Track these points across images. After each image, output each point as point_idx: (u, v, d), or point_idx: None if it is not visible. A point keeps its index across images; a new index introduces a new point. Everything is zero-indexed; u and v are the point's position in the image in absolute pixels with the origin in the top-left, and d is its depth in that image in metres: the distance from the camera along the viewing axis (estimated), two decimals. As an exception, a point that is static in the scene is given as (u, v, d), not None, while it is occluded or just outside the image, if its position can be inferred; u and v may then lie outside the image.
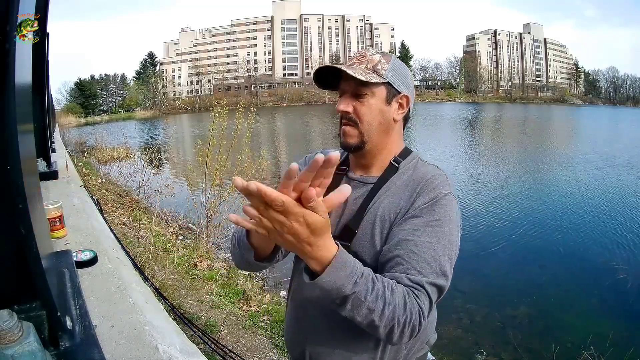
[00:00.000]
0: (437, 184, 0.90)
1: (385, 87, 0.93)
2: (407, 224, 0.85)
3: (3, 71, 0.49)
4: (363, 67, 0.92)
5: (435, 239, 0.83)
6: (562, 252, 6.23)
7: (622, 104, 79.43)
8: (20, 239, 0.56)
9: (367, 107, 0.92)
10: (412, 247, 0.81)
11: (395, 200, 0.91)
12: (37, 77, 2.55)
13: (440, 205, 0.86)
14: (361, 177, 0.99)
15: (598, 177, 11.48)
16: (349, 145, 0.95)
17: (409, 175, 0.94)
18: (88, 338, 0.72)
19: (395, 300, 0.73)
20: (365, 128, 0.93)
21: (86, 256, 1.43)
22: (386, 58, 0.95)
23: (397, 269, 0.80)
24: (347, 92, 0.93)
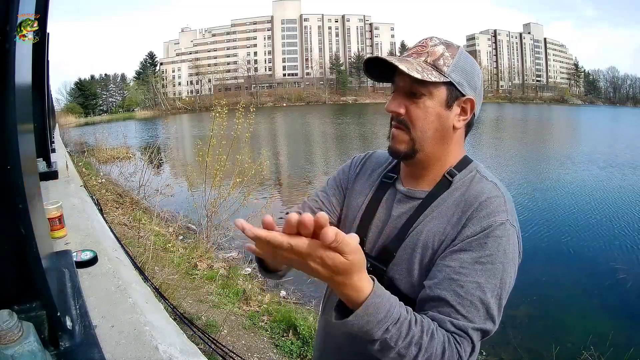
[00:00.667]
0: (491, 209, 0.75)
1: (446, 87, 0.78)
2: (453, 260, 0.73)
3: (3, 71, 0.49)
4: (421, 61, 0.78)
5: (484, 278, 0.72)
6: (562, 252, 6.23)
7: (622, 104, 79.47)
8: (20, 239, 0.56)
9: (423, 110, 0.79)
10: (457, 288, 0.71)
11: (441, 224, 0.78)
12: (37, 77, 2.55)
13: (494, 237, 0.73)
14: (408, 191, 0.86)
15: (598, 177, 11.48)
16: (397, 151, 0.83)
17: (462, 192, 0.81)
18: (88, 338, 0.72)
19: (433, 348, 0.66)
20: (418, 135, 0.80)
21: (86, 256, 1.42)
22: (451, 51, 0.79)
23: (440, 311, 0.71)
24: (401, 89, 0.80)
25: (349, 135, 22.90)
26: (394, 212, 0.86)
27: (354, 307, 0.63)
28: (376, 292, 0.63)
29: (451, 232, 0.77)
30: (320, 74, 78.74)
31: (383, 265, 0.82)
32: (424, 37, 0.82)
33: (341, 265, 0.57)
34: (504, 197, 0.79)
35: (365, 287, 0.62)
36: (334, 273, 0.58)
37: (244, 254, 5.52)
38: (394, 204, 0.87)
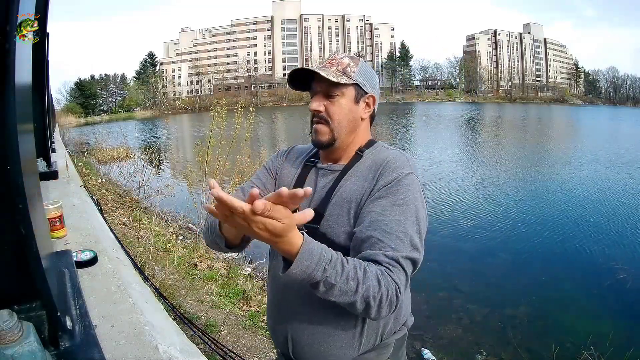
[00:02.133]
0: (398, 164, 0.96)
1: (354, 87, 1.00)
2: (374, 205, 0.91)
3: (3, 71, 0.49)
4: (334, 70, 0.99)
5: (403, 216, 0.89)
6: (562, 252, 6.23)
7: (622, 104, 79.44)
8: (20, 239, 0.56)
9: (338, 107, 1.00)
10: (383, 226, 0.87)
11: (359, 183, 0.98)
12: (37, 77, 2.55)
13: (403, 185, 0.93)
14: (329, 166, 1.07)
15: (598, 177, 11.48)
16: (320, 142, 1.02)
17: (372, 159, 1.02)
18: (88, 338, 0.72)
19: (369, 279, 0.79)
20: (336, 126, 1.00)
21: (86, 256, 1.42)
22: (355, 61, 1.02)
23: (372, 248, 0.86)
24: (319, 92, 1.00)
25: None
26: (319, 184, 1.05)
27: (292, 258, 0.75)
28: (306, 240, 0.76)
29: (368, 186, 0.96)
30: (320, 74, 78.53)
31: (315, 224, 0.97)
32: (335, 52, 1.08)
33: (278, 228, 0.69)
34: (406, 157, 1.00)
35: (298, 240, 0.75)
36: (273, 235, 0.71)
37: (244, 254, 5.53)
38: (317, 178, 1.07)
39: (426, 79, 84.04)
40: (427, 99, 74.89)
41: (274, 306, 1.10)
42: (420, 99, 75.43)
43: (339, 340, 0.99)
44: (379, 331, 1.01)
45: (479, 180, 10.96)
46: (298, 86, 1.04)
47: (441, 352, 3.70)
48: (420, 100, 73.01)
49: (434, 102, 70.61)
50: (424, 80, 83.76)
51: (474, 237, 6.63)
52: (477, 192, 9.75)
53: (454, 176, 11.29)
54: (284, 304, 1.06)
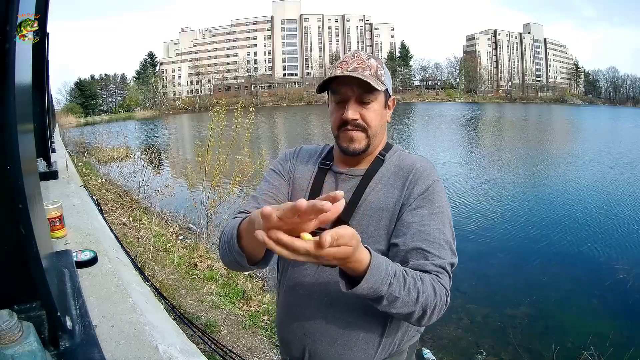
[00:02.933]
0: (427, 172, 0.98)
1: (384, 92, 0.99)
2: (414, 216, 0.92)
3: (3, 71, 0.49)
4: (368, 74, 0.94)
5: (441, 224, 0.92)
6: (562, 252, 6.23)
7: (622, 104, 79.39)
8: (20, 239, 0.56)
9: (374, 113, 0.97)
10: (426, 236, 0.89)
11: (388, 191, 0.97)
12: (37, 77, 2.55)
13: (436, 193, 0.95)
14: (349, 170, 1.04)
15: (598, 177, 11.48)
16: (356, 150, 0.99)
17: (397, 165, 1.01)
18: (88, 338, 0.72)
19: (427, 288, 0.82)
20: (373, 132, 0.98)
21: (86, 256, 1.42)
22: (379, 63, 0.99)
23: (420, 258, 0.88)
24: (351, 97, 0.96)
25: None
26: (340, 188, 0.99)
27: (358, 275, 0.75)
28: (374, 257, 0.75)
29: (400, 195, 0.95)
30: (320, 74, 78.62)
31: None
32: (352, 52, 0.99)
33: (349, 252, 0.68)
34: (431, 163, 1.02)
35: (365, 257, 0.74)
36: (342, 260, 0.69)
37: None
38: (337, 182, 1.03)
39: (426, 79, 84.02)
40: (427, 99, 74.87)
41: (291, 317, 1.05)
42: (420, 99, 75.39)
43: (358, 351, 0.97)
44: (397, 339, 1.00)
45: (478, 180, 10.96)
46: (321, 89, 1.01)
47: (441, 352, 3.70)
48: (420, 100, 72.98)
49: (434, 102, 70.60)
50: (424, 80, 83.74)
51: (474, 237, 6.63)
52: (477, 192, 9.75)
53: (453, 176, 11.30)
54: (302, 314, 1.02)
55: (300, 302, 1.01)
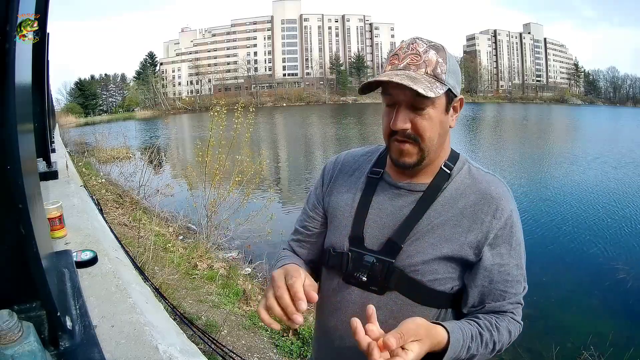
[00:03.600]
0: (505, 201, 0.84)
1: (445, 94, 0.80)
2: (494, 257, 0.83)
3: (3, 71, 0.49)
4: (423, 73, 0.78)
5: (519, 259, 0.86)
6: (562, 251, 6.23)
7: (622, 104, 79.42)
8: (20, 239, 0.56)
9: (429, 121, 0.80)
10: (505, 276, 0.84)
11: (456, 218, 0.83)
12: (37, 77, 2.55)
13: (515, 225, 0.85)
14: (407, 184, 0.88)
15: (598, 177, 11.48)
16: (407, 164, 0.84)
17: (468, 185, 0.86)
18: (88, 338, 0.72)
19: (502, 335, 0.83)
20: (427, 145, 0.82)
21: (86, 256, 1.42)
22: (442, 55, 0.80)
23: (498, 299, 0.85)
24: (402, 101, 0.79)
25: (349, 135, 22.91)
26: (393, 206, 0.87)
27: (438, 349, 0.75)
28: (450, 331, 0.76)
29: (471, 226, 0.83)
30: (320, 74, 78.69)
31: (390, 257, 0.84)
32: (409, 41, 0.82)
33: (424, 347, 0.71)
34: (507, 187, 0.88)
35: (442, 335, 0.75)
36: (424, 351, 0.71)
37: (244, 254, 5.53)
38: (391, 197, 0.89)
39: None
40: (427, 99, 74.66)
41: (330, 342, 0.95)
42: (420, 99, 75.24)
43: None
44: None
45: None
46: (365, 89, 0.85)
47: (441, 352, 3.70)
48: (420, 100, 72.84)
49: (434, 102, 70.33)
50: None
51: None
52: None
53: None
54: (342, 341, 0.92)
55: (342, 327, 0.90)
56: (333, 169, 1.01)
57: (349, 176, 0.97)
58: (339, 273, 0.91)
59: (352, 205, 0.92)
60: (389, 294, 0.84)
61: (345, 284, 0.90)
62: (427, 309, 0.85)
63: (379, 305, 0.83)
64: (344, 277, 0.90)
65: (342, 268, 0.89)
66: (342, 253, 0.90)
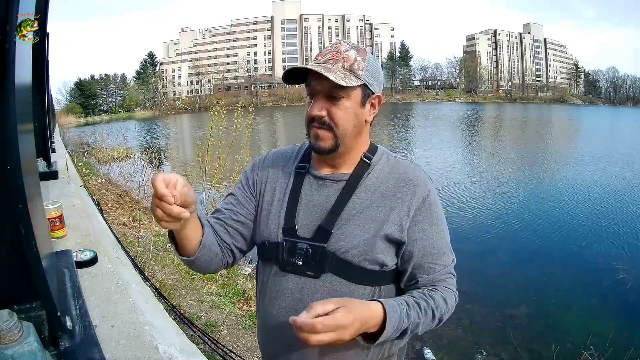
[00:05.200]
0: (422, 181, 0.93)
1: (360, 88, 0.89)
2: (416, 232, 0.90)
3: (3, 71, 0.49)
4: (339, 67, 0.86)
5: (441, 233, 0.93)
6: (562, 251, 6.23)
7: (622, 104, 79.38)
8: (20, 239, 0.56)
9: (343, 111, 0.88)
10: (430, 249, 0.91)
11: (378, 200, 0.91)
12: (37, 77, 2.55)
13: (433, 202, 0.93)
14: (331, 175, 0.96)
15: (598, 177, 11.48)
16: (322, 148, 0.91)
17: (386, 172, 0.95)
18: (88, 338, 0.72)
19: (438, 302, 0.88)
20: (341, 132, 0.90)
21: (86, 256, 1.42)
22: (362, 55, 0.89)
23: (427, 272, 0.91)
24: (320, 92, 0.88)
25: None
26: (320, 196, 0.95)
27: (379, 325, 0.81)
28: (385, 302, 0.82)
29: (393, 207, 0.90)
30: (320, 74, 78.58)
31: (321, 242, 0.90)
32: (335, 42, 0.91)
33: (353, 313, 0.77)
34: (423, 170, 0.97)
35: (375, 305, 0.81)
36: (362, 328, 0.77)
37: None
38: (317, 188, 0.96)
39: (426, 79, 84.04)
40: (427, 99, 74.86)
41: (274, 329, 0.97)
42: (420, 99, 75.39)
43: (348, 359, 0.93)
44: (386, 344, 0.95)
45: (479, 179, 10.96)
46: (293, 80, 0.92)
47: (441, 352, 3.70)
48: (420, 100, 72.99)
49: (434, 102, 70.57)
50: (424, 80, 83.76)
51: (474, 237, 6.62)
52: (477, 191, 9.75)
53: (454, 175, 11.29)
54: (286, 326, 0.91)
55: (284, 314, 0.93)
56: (262, 165, 1.07)
57: (280, 171, 1.03)
58: (275, 263, 0.96)
59: (282, 199, 0.98)
60: (325, 276, 0.90)
61: (281, 272, 0.94)
62: (362, 288, 0.90)
63: (316, 288, 0.91)
64: (280, 265, 0.95)
65: (278, 258, 0.94)
66: (277, 243, 0.95)
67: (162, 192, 0.70)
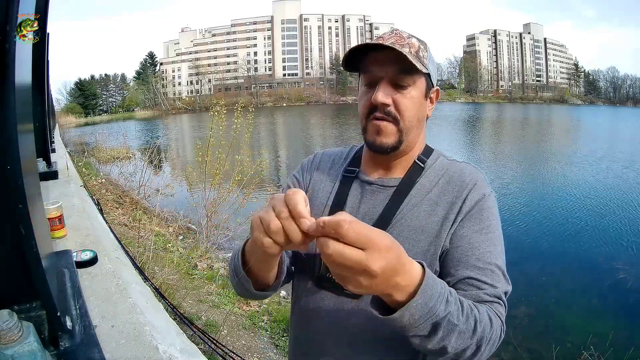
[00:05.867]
0: (478, 185, 0.81)
1: (425, 78, 0.80)
2: (460, 239, 0.77)
3: (3, 71, 0.49)
4: (407, 51, 0.75)
5: (491, 246, 0.77)
6: (563, 251, 6.23)
7: (622, 104, 79.43)
8: (20, 239, 0.56)
9: (410, 100, 0.78)
10: (475, 262, 0.74)
11: (430, 208, 0.80)
12: (37, 77, 2.55)
13: (487, 208, 0.79)
14: (380, 180, 0.85)
15: (598, 176, 11.47)
16: (384, 145, 0.80)
17: (440, 175, 0.84)
18: (88, 338, 0.72)
19: (484, 317, 0.65)
20: (406, 125, 0.79)
21: (86, 256, 1.42)
22: (424, 45, 0.80)
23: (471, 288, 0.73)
24: (384, 78, 0.77)
25: (349, 135, 22.90)
26: (367, 203, 0.84)
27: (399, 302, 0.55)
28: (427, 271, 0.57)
29: (446, 214, 0.78)
30: (320, 74, 78.71)
31: None
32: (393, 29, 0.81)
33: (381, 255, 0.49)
34: (482, 174, 0.84)
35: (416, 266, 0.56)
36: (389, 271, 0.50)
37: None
38: (364, 195, 0.86)
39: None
40: (427, 99, 74.71)
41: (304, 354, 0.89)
42: (420, 99, 75.30)
43: None
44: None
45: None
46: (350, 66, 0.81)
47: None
48: (420, 100, 72.90)
49: (434, 102, 70.38)
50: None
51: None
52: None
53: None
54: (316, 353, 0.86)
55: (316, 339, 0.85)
56: (311, 166, 0.97)
57: (326, 174, 0.94)
58: (311, 277, 0.86)
59: (326, 205, 0.88)
60: (366, 297, 0.73)
61: (317, 289, 0.85)
62: None
63: (354, 311, 0.79)
64: (316, 280, 0.85)
65: (314, 272, 0.84)
66: (313, 255, 0.84)
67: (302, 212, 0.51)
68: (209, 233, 5.54)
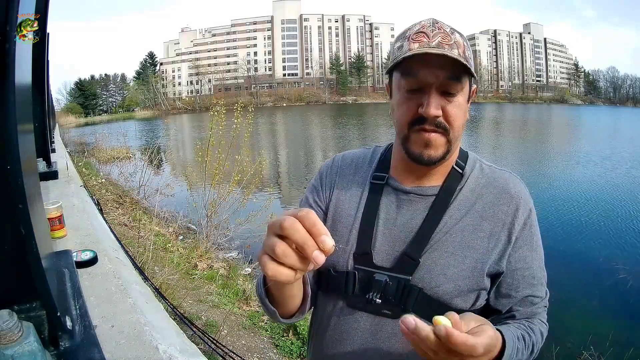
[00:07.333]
0: (524, 198, 0.78)
1: (469, 80, 0.72)
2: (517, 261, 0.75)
3: (3, 71, 0.49)
4: (457, 55, 0.67)
5: (540, 260, 0.78)
6: (563, 251, 6.23)
7: (622, 104, 79.48)
8: (20, 239, 0.56)
9: (459, 109, 0.71)
10: (530, 280, 0.76)
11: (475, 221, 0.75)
12: (37, 77, 2.55)
13: (534, 225, 0.78)
14: (417, 189, 0.78)
15: (598, 176, 11.47)
16: (433, 159, 0.72)
17: (483, 185, 0.78)
18: (88, 338, 0.72)
19: (537, 338, 0.74)
20: (455, 135, 0.73)
21: (86, 256, 1.42)
22: (466, 41, 0.72)
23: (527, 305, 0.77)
24: (432, 86, 0.68)
25: (349, 135, 22.91)
26: (404, 214, 0.77)
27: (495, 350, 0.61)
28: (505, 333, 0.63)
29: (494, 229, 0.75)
30: (320, 74, 78.76)
31: (405, 274, 0.73)
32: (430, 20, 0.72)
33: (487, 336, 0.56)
34: (524, 185, 0.81)
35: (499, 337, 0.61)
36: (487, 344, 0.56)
37: (244, 254, 5.53)
38: (399, 205, 0.78)
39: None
40: (427, 99, 74.79)
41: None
42: (420, 99, 75.38)
43: None
44: None
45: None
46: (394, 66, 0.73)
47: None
48: (420, 100, 72.96)
49: (434, 102, 70.41)
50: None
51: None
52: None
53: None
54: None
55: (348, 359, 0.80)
56: (330, 172, 0.88)
57: (350, 181, 0.84)
58: (341, 297, 0.79)
59: (354, 216, 0.80)
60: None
61: (350, 309, 0.78)
62: None
63: (394, 332, 0.74)
64: (349, 301, 0.78)
65: (348, 291, 0.77)
66: (346, 272, 0.77)
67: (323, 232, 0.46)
68: (209, 233, 5.54)
